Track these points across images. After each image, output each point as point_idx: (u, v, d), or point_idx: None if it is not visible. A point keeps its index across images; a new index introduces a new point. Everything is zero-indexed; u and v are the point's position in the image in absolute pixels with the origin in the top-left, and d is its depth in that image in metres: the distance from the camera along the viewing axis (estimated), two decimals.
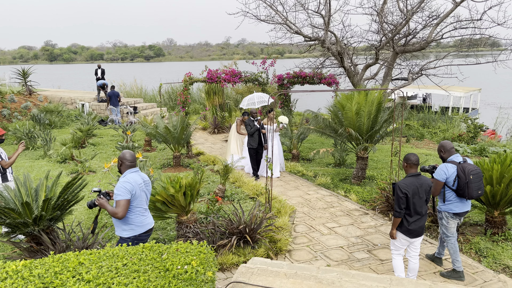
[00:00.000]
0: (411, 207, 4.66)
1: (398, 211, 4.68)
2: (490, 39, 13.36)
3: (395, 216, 4.73)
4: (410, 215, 4.70)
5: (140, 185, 4.49)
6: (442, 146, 5.31)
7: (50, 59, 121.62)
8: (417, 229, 4.75)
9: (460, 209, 5.20)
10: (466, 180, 5.00)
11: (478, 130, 14.70)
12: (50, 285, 2.75)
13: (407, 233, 4.76)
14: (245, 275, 3.72)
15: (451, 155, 5.23)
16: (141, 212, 4.51)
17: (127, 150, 4.60)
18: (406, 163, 4.81)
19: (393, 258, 5.01)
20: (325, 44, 13.46)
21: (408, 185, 4.63)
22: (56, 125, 16.94)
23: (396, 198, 4.67)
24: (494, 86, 36.48)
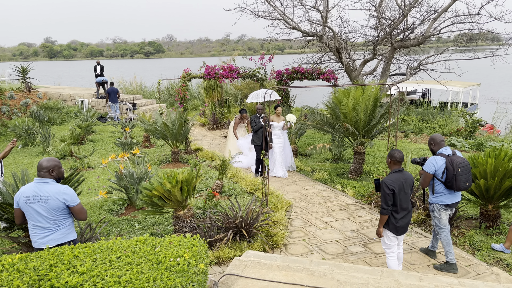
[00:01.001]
0: (398, 203, 4.64)
1: (385, 208, 4.63)
2: (489, 33, 13.37)
3: (382, 214, 4.68)
4: (397, 212, 4.68)
5: (27, 199, 3.92)
6: (433, 139, 5.38)
7: (50, 55, 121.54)
8: (404, 226, 4.75)
9: (450, 200, 5.26)
10: (454, 173, 5.06)
11: (476, 125, 14.73)
12: (45, 277, 2.80)
13: (395, 231, 4.72)
14: (238, 267, 3.78)
15: (441, 148, 5.29)
16: (32, 228, 4.01)
17: (44, 158, 4.09)
18: (390, 159, 4.81)
19: (388, 259, 4.94)
20: (323, 40, 13.48)
21: (394, 181, 4.61)
22: (56, 122, 16.99)
23: (383, 195, 4.63)
24: (494, 81, 36.45)
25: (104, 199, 7.86)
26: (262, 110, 9.46)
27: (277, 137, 9.64)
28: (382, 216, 4.71)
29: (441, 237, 5.35)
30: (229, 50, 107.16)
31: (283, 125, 9.65)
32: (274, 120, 9.60)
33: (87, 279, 2.76)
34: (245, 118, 11.65)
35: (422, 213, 6.86)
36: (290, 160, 10.08)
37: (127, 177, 7.41)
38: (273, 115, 9.69)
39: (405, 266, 5.49)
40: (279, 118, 9.64)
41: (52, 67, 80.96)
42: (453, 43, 14.52)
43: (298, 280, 3.54)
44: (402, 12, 12.89)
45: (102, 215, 7.21)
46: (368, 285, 3.45)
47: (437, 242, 5.67)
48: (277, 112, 9.59)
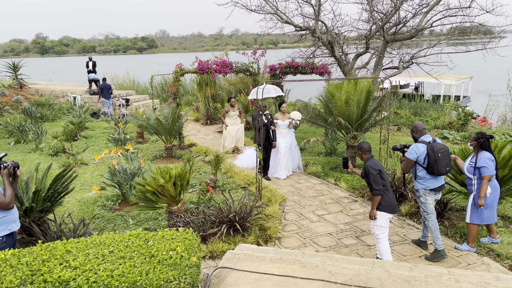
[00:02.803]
0: (386, 180, 5.02)
1: (377, 188, 4.91)
2: (480, 26, 13.45)
3: (376, 195, 4.93)
4: (387, 190, 5.01)
5: None
6: (415, 126, 5.55)
7: (41, 52, 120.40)
8: (395, 204, 5.07)
9: (435, 184, 5.42)
10: (435, 158, 5.25)
11: (468, 118, 14.83)
12: (37, 272, 2.81)
13: (392, 209, 5.01)
14: (231, 260, 3.81)
15: (422, 135, 5.47)
16: None
17: None
18: (360, 151, 5.22)
19: (381, 243, 5.10)
20: (315, 34, 13.48)
21: (375, 163, 4.99)
22: (48, 118, 16.88)
23: (372, 178, 4.93)
24: (486, 74, 36.66)
25: (97, 195, 7.85)
26: (265, 107, 8.95)
27: (282, 136, 9.13)
28: (375, 197, 4.95)
29: (429, 223, 5.47)
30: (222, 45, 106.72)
31: (289, 123, 9.15)
32: (279, 118, 9.11)
33: (79, 273, 2.78)
34: (235, 106, 11.22)
35: (414, 205, 6.93)
36: (297, 161, 9.58)
37: (120, 173, 7.41)
38: (278, 113, 9.21)
39: (397, 257, 5.55)
40: (284, 116, 9.14)
41: (43, 63, 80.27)
42: (445, 36, 14.60)
43: (290, 272, 3.58)
44: (394, 5, 12.91)
45: (96, 211, 7.21)
46: (359, 276, 3.49)
47: (428, 231, 5.74)
48: (282, 110, 9.11)
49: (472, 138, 5.61)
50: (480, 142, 5.49)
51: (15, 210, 4.07)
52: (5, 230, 3.91)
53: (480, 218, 5.50)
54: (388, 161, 8.55)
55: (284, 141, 9.18)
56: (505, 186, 6.35)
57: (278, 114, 9.22)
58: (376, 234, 5.12)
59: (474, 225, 5.54)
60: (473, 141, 5.57)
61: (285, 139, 9.20)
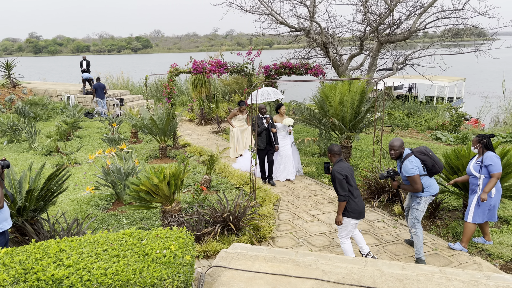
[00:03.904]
0: (354, 187, 5.00)
1: (343, 194, 4.90)
2: (473, 28, 13.57)
3: (341, 200, 4.93)
4: (354, 196, 4.99)
5: None
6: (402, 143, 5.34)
7: (35, 51, 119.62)
8: (363, 209, 5.07)
9: (435, 188, 5.41)
10: (430, 158, 5.24)
11: (461, 119, 14.95)
12: (31, 270, 2.81)
13: (358, 215, 5.00)
14: (225, 259, 3.82)
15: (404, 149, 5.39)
16: None
17: None
18: (330, 153, 5.20)
19: (343, 243, 5.18)
20: (310, 35, 13.53)
21: (343, 168, 4.96)
22: (41, 118, 16.79)
23: (338, 183, 4.91)
24: (479, 76, 36.96)
25: (91, 194, 7.83)
26: (265, 109, 8.79)
27: (282, 138, 9.06)
28: (340, 203, 4.96)
29: (418, 232, 5.34)
30: (217, 45, 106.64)
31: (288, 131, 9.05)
32: (277, 121, 9.03)
33: (73, 271, 2.78)
34: (244, 111, 10.85)
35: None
36: (297, 164, 9.46)
37: (114, 172, 7.39)
38: (276, 116, 9.13)
39: (389, 257, 5.59)
40: (282, 118, 9.04)
41: (37, 63, 79.76)
42: (438, 38, 14.71)
43: (283, 271, 3.60)
44: (388, 7, 13.00)
45: (90, 211, 7.18)
46: (352, 275, 3.52)
47: None
48: (281, 112, 9.02)
49: (474, 141, 5.60)
50: (484, 143, 5.53)
51: (6, 208, 4.06)
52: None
53: (482, 217, 5.56)
54: (381, 162, 8.60)
55: (283, 143, 9.10)
56: None
57: (276, 116, 9.10)
58: (340, 236, 5.17)
59: (473, 225, 5.57)
60: (476, 143, 5.57)
61: (284, 141, 9.12)
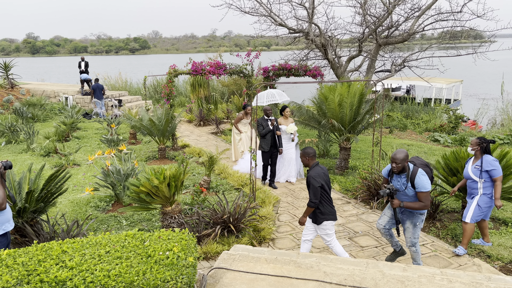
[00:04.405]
0: (328, 193, 5.02)
1: (314, 201, 4.91)
2: (471, 31, 13.64)
3: (310, 206, 4.95)
4: (329, 199, 5.05)
5: None
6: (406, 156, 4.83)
7: (32, 51, 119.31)
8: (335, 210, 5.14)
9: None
10: (431, 170, 5.13)
11: (459, 121, 15.02)
12: (34, 272, 2.81)
13: (333, 217, 5.06)
14: (227, 261, 3.82)
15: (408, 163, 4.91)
16: None
17: None
18: (306, 157, 5.14)
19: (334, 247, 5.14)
20: (309, 36, 13.56)
21: (319, 174, 4.96)
22: (39, 119, 16.75)
23: (313, 189, 4.90)
24: (477, 78, 37.10)
25: (90, 196, 7.82)
26: (271, 111, 8.62)
27: (286, 141, 8.99)
28: (309, 208, 4.99)
29: (417, 249, 5.06)
30: (215, 47, 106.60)
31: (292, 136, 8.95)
32: (282, 123, 8.97)
33: (76, 273, 2.78)
34: (249, 114, 10.50)
35: None
36: (299, 167, 9.38)
37: (114, 173, 7.39)
38: (281, 118, 9.05)
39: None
40: (287, 121, 8.98)
41: (35, 63, 79.58)
42: (436, 40, 14.76)
43: (285, 272, 3.61)
44: (386, 9, 13.04)
45: (89, 212, 7.17)
46: (354, 276, 3.53)
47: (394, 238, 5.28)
48: (285, 114, 8.92)
49: (474, 143, 5.55)
50: (483, 146, 5.50)
51: (9, 210, 4.05)
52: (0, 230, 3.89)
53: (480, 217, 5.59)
54: (380, 163, 8.62)
55: (287, 146, 9.02)
56: None
57: (281, 119, 9.02)
58: (327, 241, 5.15)
59: (473, 225, 5.59)
60: (475, 146, 5.53)
61: (290, 144, 9.04)
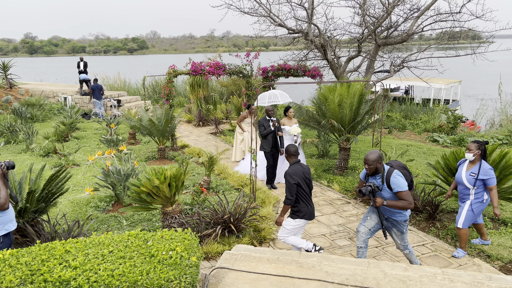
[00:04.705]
0: (306, 191, 5.03)
1: (290, 198, 4.94)
2: (470, 31, 13.67)
3: (286, 204, 4.99)
4: (308, 199, 5.06)
5: None
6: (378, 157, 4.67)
7: (30, 51, 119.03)
8: (314, 209, 5.17)
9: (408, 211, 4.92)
10: (409, 173, 5.00)
11: (457, 121, 15.06)
12: (37, 272, 2.81)
13: (309, 216, 5.09)
14: (229, 261, 3.83)
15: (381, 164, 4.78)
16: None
17: None
18: (286, 154, 5.20)
19: (286, 238, 5.19)
20: (308, 37, 13.56)
21: (296, 172, 4.97)
22: (38, 119, 16.73)
23: (288, 186, 4.94)
24: (476, 79, 37.19)
25: (90, 196, 7.82)
26: (273, 112, 8.53)
27: (288, 142, 8.91)
28: (285, 206, 5.03)
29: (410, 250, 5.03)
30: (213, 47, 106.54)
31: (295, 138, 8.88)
32: (285, 124, 8.94)
33: (80, 273, 2.78)
34: (253, 113, 10.20)
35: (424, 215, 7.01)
36: None
37: (114, 173, 7.39)
38: (284, 118, 9.02)
39: (390, 258, 5.63)
40: (291, 121, 8.94)
41: (33, 63, 79.44)
42: (435, 41, 14.79)
43: (287, 272, 3.62)
44: (386, 10, 13.06)
45: (89, 212, 7.17)
46: (355, 276, 3.54)
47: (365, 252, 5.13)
48: (289, 115, 8.88)
49: (473, 147, 5.34)
50: (483, 149, 5.35)
51: (11, 209, 4.05)
52: (2, 230, 3.89)
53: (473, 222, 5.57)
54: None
55: None
56: None
57: (284, 119, 8.98)
58: (282, 235, 5.18)
59: (466, 229, 5.57)
60: (476, 150, 5.33)
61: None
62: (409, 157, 10.48)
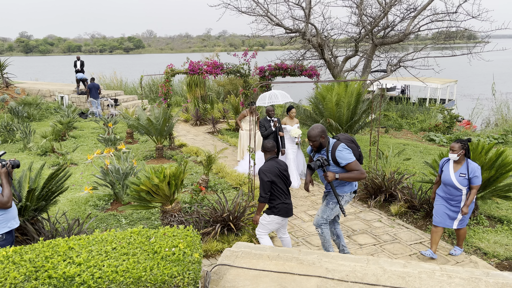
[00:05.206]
0: (282, 188, 4.96)
1: (264, 196, 4.87)
2: (466, 31, 13.77)
3: (260, 201, 4.92)
4: (283, 196, 5.00)
5: None
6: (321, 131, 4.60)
7: (25, 50, 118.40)
8: (291, 208, 5.10)
9: (356, 183, 4.92)
10: (357, 147, 4.89)
11: (453, 121, 15.16)
12: (41, 268, 2.84)
13: (285, 213, 5.01)
14: (230, 258, 3.87)
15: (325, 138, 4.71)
16: None
17: None
18: (262, 149, 5.14)
19: (261, 239, 5.15)
20: (305, 36, 13.62)
21: (270, 169, 4.90)
22: (35, 118, 16.69)
23: (262, 184, 4.87)
24: (473, 78, 37.41)
25: (89, 194, 7.83)
26: (273, 112, 8.48)
27: (290, 142, 8.83)
28: (260, 204, 4.97)
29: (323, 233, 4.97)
30: (210, 46, 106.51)
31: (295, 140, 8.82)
32: (287, 124, 8.88)
33: (84, 269, 2.81)
34: (254, 112, 9.89)
35: (403, 205, 7.08)
36: (302, 167, 9.28)
37: (113, 172, 7.40)
38: (286, 118, 8.94)
39: (388, 256, 5.68)
40: (292, 121, 8.87)
41: (28, 62, 79.10)
42: (431, 41, 14.89)
43: (288, 269, 3.66)
44: (383, 9, 13.14)
45: (88, 211, 7.18)
46: (355, 272, 3.59)
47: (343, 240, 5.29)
48: (291, 115, 8.81)
49: (456, 147, 5.19)
50: (466, 148, 5.22)
51: (14, 208, 4.07)
52: (5, 227, 3.91)
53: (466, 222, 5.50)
54: (378, 162, 8.70)
55: (292, 147, 8.86)
56: (491, 186, 6.53)
57: (286, 119, 8.95)
58: (259, 232, 5.16)
59: (464, 228, 5.52)
60: (459, 150, 5.18)
61: (293, 145, 8.88)
62: (406, 156, 10.55)
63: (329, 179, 4.50)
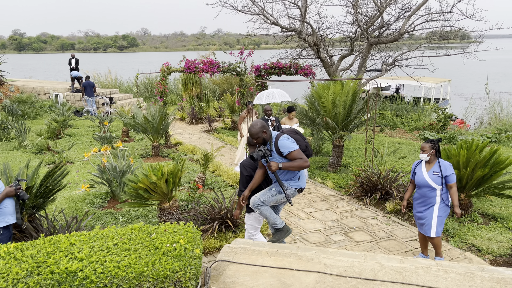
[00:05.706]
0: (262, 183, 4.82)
1: (242, 190, 4.75)
2: (460, 31, 13.90)
3: (239, 195, 4.75)
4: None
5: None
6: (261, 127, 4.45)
7: (18, 48, 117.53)
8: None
9: (305, 182, 4.76)
10: (304, 139, 4.76)
11: (447, 120, 15.30)
12: (43, 264, 2.85)
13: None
14: (229, 254, 3.91)
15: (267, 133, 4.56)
16: None
17: None
18: (247, 144, 5.12)
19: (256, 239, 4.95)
20: (301, 35, 13.67)
21: (251, 163, 4.81)
22: (29, 116, 16.60)
23: (241, 178, 4.77)
24: (467, 78, 37.68)
25: (86, 192, 7.82)
26: (271, 111, 8.36)
27: None
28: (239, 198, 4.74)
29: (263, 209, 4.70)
30: (205, 45, 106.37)
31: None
32: (286, 123, 8.89)
33: (86, 264, 2.83)
34: (251, 111, 9.85)
35: (399, 202, 7.16)
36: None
37: (110, 170, 7.40)
38: (285, 118, 8.90)
39: (384, 252, 5.74)
40: (291, 122, 8.89)
41: (21, 60, 78.54)
42: (425, 40, 15.01)
43: (287, 265, 3.70)
44: (378, 9, 13.22)
45: (85, 209, 7.18)
46: (353, 268, 3.64)
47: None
48: (290, 116, 8.80)
49: (426, 147, 5.12)
50: (437, 148, 5.14)
51: (12, 203, 4.08)
52: (2, 222, 3.92)
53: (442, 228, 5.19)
54: (373, 161, 8.77)
55: None
56: (485, 184, 6.62)
57: (285, 119, 8.94)
58: (251, 233, 4.98)
59: (439, 237, 5.24)
60: (430, 150, 5.10)
61: None
62: (401, 154, 10.64)
63: (273, 169, 4.38)
